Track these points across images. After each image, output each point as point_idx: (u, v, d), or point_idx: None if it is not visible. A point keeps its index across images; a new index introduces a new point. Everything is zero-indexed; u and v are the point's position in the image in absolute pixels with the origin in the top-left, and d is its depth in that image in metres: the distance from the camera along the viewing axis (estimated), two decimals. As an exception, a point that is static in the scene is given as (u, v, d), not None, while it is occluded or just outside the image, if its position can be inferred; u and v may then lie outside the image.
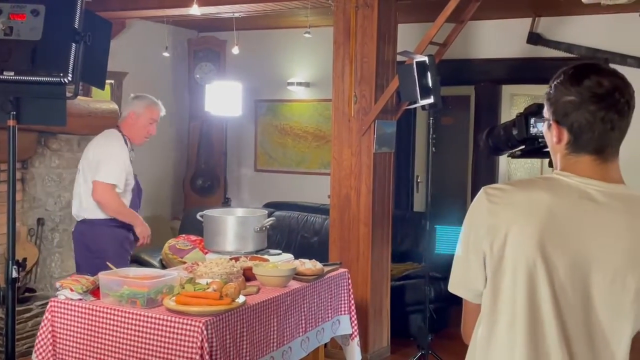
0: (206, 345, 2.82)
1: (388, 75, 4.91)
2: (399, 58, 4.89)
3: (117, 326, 3.02)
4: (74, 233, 4.31)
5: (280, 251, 4.27)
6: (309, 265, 3.68)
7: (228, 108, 6.53)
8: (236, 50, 6.53)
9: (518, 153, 2.08)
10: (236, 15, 5.87)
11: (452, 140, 7.54)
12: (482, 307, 1.58)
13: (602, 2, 4.17)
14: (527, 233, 1.48)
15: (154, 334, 2.92)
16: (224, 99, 6.49)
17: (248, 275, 3.51)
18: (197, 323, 2.84)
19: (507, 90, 6.73)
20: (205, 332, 2.83)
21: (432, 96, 4.38)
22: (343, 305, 3.90)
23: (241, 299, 3.07)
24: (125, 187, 4.13)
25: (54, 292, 3.32)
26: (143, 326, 2.95)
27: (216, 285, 3.07)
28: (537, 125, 1.94)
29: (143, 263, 5.75)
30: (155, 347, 2.92)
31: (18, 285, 3.08)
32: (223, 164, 7.28)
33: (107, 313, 3.05)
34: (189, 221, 6.31)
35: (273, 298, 3.30)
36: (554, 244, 1.48)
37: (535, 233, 1.48)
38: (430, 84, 4.38)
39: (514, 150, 2.08)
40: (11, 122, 2.80)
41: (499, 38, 6.22)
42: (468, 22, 5.08)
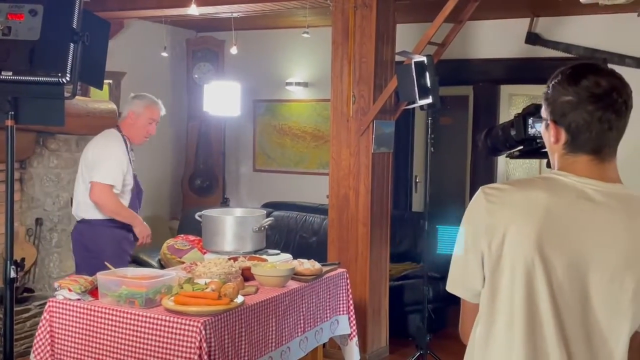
0: (204, 345, 2.82)
1: (386, 75, 4.91)
2: (398, 58, 4.89)
3: (116, 326, 3.01)
4: (73, 233, 4.30)
5: (278, 251, 4.26)
6: (308, 265, 3.68)
7: (226, 108, 6.52)
8: (234, 50, 6.53)
9: (516, 153, 2.08)
10: (234, 15, 5.87)
11: (451, 140, 7.55)
12: (480, 307, 1.58)
13: (600, 2, 4.17)
14: (525, 232, 1.49)
15: (153, 334, 2.92)
16: (223, 99, 6.48)
17: (246, 275, 3.50)
18: (196, 323, 2.84)
19: (506, 90, 6.73)
20: (203, 332, 2.82)
21: (431, 96, 4.39)
22: (342, 305, 3.90)
23: (240, 299, 3.07)
24: (123, 188, 4.12)
25: (53, 292, 3.32)
26: (141, 326, 2.95)
27: (215, 285, 3.07)
28: (536, 125, 1.94)
29: (141, 263, 5.74)
30: (153, 347, 2.92)
31: (16, 285, 3.08)
32: (221, 164, 7.27)
33: (106, 313, 3.04)
34: (188, 221, 6.30)
35: (271, 298, 3.30)
36: (552, 244, 1.48)
37: (533, 232, 1.48)
38: (428, 84, 4.38)
39: (513, 150, 2.08)
40: (9, 122, 2.79)
41: (498, 38, 6.21)
42: (466, 22, 5.08)
